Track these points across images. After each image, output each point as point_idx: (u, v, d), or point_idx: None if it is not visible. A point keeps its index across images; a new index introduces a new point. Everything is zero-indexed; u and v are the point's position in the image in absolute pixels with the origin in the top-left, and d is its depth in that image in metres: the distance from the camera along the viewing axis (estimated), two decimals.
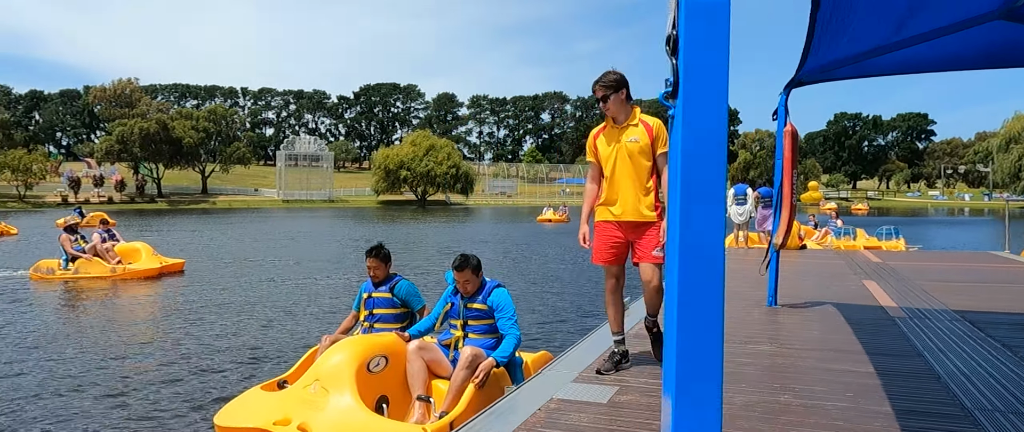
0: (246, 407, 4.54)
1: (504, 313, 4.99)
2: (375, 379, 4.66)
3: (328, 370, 4.45)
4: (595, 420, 3.71)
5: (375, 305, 5.54)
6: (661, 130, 4.34)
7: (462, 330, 5.06)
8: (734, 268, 10.87)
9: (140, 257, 14.29)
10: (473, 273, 5.04)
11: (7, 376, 6.03)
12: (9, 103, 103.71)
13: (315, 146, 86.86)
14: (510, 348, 4.95)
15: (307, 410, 4.26)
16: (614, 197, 4.36)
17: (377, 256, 5.59)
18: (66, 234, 13.94)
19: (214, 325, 9.10)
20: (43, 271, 13.55)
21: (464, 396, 4.57)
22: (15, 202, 61.20)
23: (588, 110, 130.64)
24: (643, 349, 5.08)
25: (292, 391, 4.52)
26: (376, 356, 4.72)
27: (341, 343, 4.78)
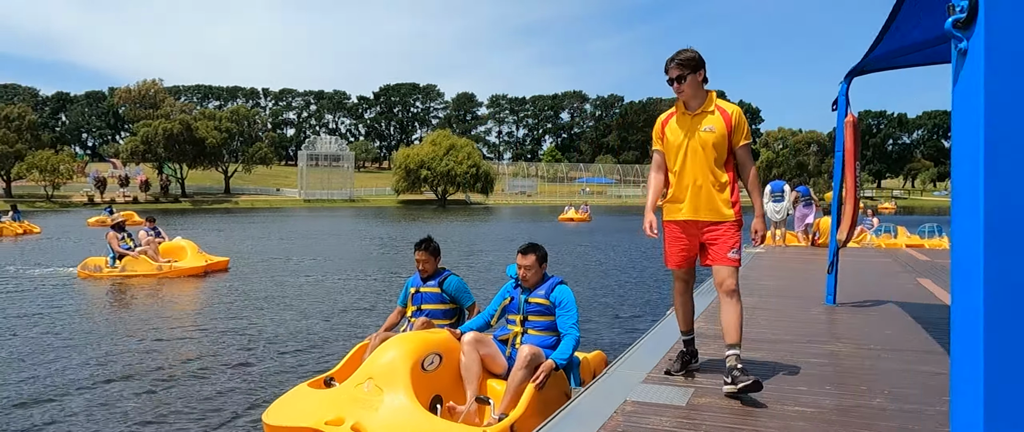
0: (295, 405, 4.36)
1: (567, 311, 4.74)
2: (429, 378, 4.45)
3: (382, 368, 4.26)
4: (678, 424, 3.48)
5: (423, 300, 5.35)
6: (741, 119, 3.92)
7: (521, 326, 4.81)
8: (781, 265, 10.56)
9: (185, 255, 14.19)
10: (538, 261, 4.84)
11: (56, 370, 5.94)
12: (36, 105, 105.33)
13: (336, 146, 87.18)
14: (569, 349, 4.69)
15: (360, 410, 4.08)
16: (683, 194, 3.95)
17: (427, 249, 5.38)
18: (113, 232, 13.85)
19: (259, 322, 9.00)
20: (90, 269, 13.50)
21: (523, 398, 4.34)
22: (43, 202, 62.04)
23: (607, 109, 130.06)
24: (709, 349, 4.83)
25: (343, 389, 4.33)
26: (430, 353, 4.51)
27: (394, 340, 4.57)
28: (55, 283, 12.51)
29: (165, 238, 14.78)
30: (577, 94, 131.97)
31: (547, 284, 4.84)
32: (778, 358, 4.71)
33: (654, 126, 4.19)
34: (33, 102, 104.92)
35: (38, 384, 5.58)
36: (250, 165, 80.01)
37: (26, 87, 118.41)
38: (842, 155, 6.65)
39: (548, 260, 4.97)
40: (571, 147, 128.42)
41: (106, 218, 33.00)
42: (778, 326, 5.86)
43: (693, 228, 3.97)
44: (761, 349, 5.10)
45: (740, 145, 3.92)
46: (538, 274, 4.84)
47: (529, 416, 4.22)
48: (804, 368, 4.51)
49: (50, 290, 11.69)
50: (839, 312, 6.51)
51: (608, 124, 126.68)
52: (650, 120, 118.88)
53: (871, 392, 3.93)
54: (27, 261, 16.53)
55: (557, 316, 4.73)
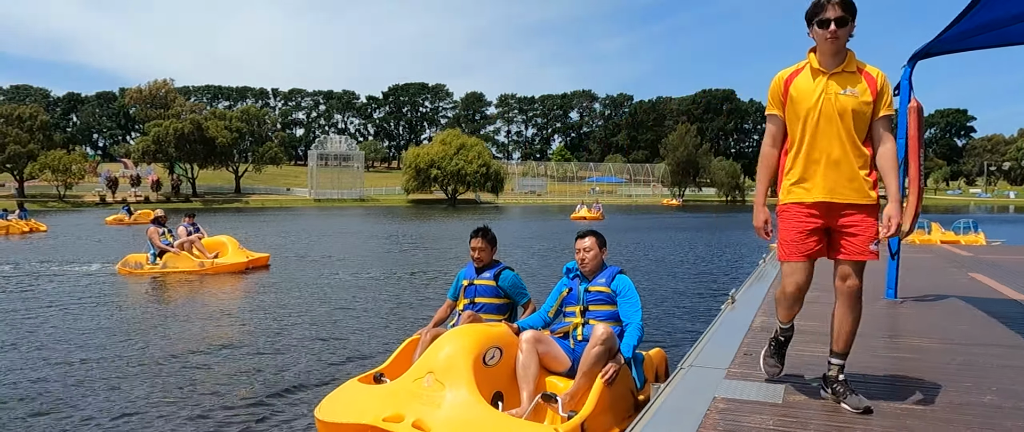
0: (348, 401, 4.15)
1: (629, 300, 4.47)
2: (490, 373, 4.18)
3: (443, 362, 4.02)
4: (782, 423, 3.22)
5: (477, 293, 5.05)
6: (886, 85, 3.26)
7: (581, 316, 4.53)
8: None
9: (227, 251, 13.94)
10: (598, 245, 4.63)
11: (99, 365, 5.74)
12: (48, 106, 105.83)
13: (345, 146, 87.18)
14: (635, 339, 4.41)
15: (421, 405, 3.86)
16: (813, 171, 3.27)
17: (484, 237, 5.08)
18: (154, 227, 13.57)
19: (305, 317, 8.78)
20: (131, 265, 13.29)
21: (592, 395, 4.07)
22: (55, 201, 62.23)
23: (617, 108, 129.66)
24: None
25: (401, 385, 4.09)
26: (491, 347, 4.24)
27: (451, 333, 4.33)
28: (94, 281, 12.24)
29: (204, 233, 14.49)
30: (586, 93, 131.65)
31: (606, 272, 4.62)
32: (860, 351, 4.44)
33: (771, 86, 3.41)
34: (45, 103, 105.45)
35: (84, 381, 5.38)
36: (260, 165, 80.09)
37: (38, 88, 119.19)
38: (905, 142, 6.37)
39: (606, 246, 4.72)
40: (580, 146, 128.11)
41: (124, 216, 33.10)
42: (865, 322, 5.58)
43: (826, 212, 3.31)
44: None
45: (882, 116, 3.26)
46: (598, 259, 4.61)
47: (599, 414, 4.00)
48: (892, 363, 4.26)
49: (93, 287, 11.42)
50: (905, 307, 6.24)
51: (617, 123, 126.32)
52: (659, 119, 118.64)
53: (978, 389, 3.67)
54: (64, 258, 16.41)
55: (619, 305, 4.48)
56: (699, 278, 13.16)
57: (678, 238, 24.42)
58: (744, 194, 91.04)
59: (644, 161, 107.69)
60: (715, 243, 22.10)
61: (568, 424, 3.78)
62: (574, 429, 3.77)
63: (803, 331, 4.85)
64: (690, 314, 9.24)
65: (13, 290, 10.99)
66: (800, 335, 4.66)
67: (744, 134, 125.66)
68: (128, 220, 32.64)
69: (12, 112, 69.48)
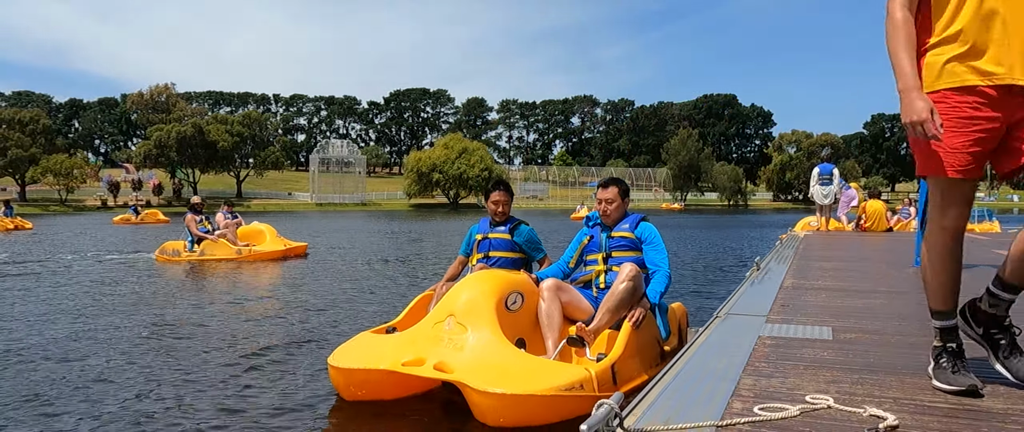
0: (363, 348, 3.99)
1: (654, 246, 4.32)
2: (513, 318, 4.00)
3: (464, 305, 3.84)
4: (839, 354, 3.07)
5: (492, 247, 4.90)
6: None
7: (604, 264, 4.37)
8: (839, 241, 10.13)
9: (264, 239, 13.76)
10: (620, 194, 4.45)
11: (137, 349, 5.59)
12: (50, 112, 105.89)
13: (347, 150, 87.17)
14: (663, 285, 4.26)
15: (442, 348, 3.67)
16: (990, 37, 2.16)
17: (506, 190, 4.99)
18: (192, 214, 13.39)
19: (344, 305, 8.49)
20: (169, 253, 13.16)
21: (620, 338, 3.93)
22: (57, 205, 62.15)
23: (618, 113, 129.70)
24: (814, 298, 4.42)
25: (419, 330, 3.92)
26: (513, 292, 4.07)
27: (472, 277, 4.17)
28: (131, 268, 12.00)
29: (242, 221, 14.26)
30: (587, 99, 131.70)
31: (630, 218, 4.45)
32: (908, 303, 4.30)
33: None
34: (47, 109, 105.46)
35: (121, 364, 5.24)
36: (262, 169, 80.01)
37: (40, 94, 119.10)
38: None
39: (629, 196, 4.55)
40: (582, 151, 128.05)
41: (131, 216, 33.37)
42: (884, 280, 5.44)
43: (1009, 100, 2.19)
44: (878, 296, 4.69)
45: None
46: (621, 210, 4.46)
47: (627, 358, 3.88)
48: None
49: (132, 274, 11.17)
50: None
51: (619, 128, 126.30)
52: (661, 124, 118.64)
53: None
54: (102, 247, 16.30)
55: (644, 252, 4.33)
56: (713, 264, 12.99)
57: (685, 235, 24.26)
58: (746, 198, 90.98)
59: (646, 166, 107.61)
60: (722, 236, 21.95)
61: (599, 366, 3.65)
62: (605, 372, 3.64)
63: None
64: (709, 287, 9.06)
65: (51, 277, 10.80)
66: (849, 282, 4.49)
67: (746, 139, 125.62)
68: (135, 220, 32.97)
69: (14, 116, 69.46)
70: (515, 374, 3.40)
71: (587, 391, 3.43)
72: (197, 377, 4.70)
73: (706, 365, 2.89)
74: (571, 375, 3.47)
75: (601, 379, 3.56)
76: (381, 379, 3.79)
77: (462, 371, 3.46)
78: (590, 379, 3.50)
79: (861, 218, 13.46)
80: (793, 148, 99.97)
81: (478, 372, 3.41)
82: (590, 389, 3.45)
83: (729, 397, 2.40)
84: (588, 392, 3.42)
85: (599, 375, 3.56)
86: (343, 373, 3.86)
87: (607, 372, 3.64)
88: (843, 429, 2.06)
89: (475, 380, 3.33)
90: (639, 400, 2.43)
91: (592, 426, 1.90)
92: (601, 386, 3.53)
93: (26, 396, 4.23)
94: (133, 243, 18.92)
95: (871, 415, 2.18)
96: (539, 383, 3.33)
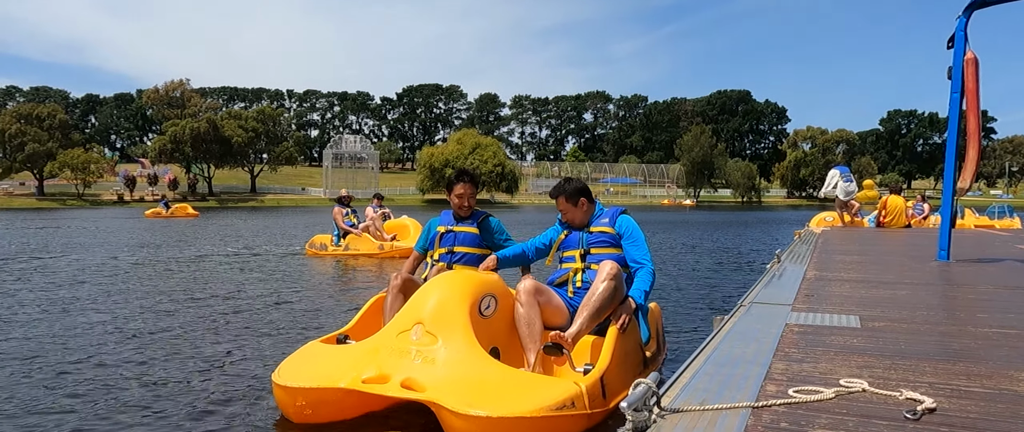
0: (313, 363, 3.45)
1: (635, 242, 3.90)
2: (486, 325, 3.49)
3: (433, 311, 3.34)
4: (868, 341, 3.05)
5: (457, 241, 4.42)
6: None
7: (582, 261, 3.93)
8: (861, 236, 10.05)
9: (409, 233, 13.54)
10: (570, 201, 3.98)
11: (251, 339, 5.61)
12: (67, 107, 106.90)
13: (360, 146, 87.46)
14: (647, 283, 3.84)
15: (409, 362, 3.17)
16: None
17: (472, 181, 4.49)
18: (338, 207, 13.33)
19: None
20: (317, 247, 13.21)
21: (607, 345, 3.46)
22: (74, 199, 62.78)
23: (631, 109, 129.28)
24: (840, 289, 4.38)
25: (380, 340, 3.37)
26: (486, 295, 3.57)
27: (439, 279, 3.61)
28: (282, 261, 12.07)
29: (389, 214, 14.06)
30: (600, 94, 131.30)
31: (609, 212, 4.06)
32: (930, 293, 4.26)
33: None
34: (64, 104, 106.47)
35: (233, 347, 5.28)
36: (276, 165, 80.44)
37: (57, 90, 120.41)
38: (958, 97, 6.17)
39: (588, 193, 4.07)
40: (594, 147, 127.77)
41: (161, 210, 33.79)
42: (908, 273, 5.40)
43: None
44: (903, 287, 4.66)
45: None
46: (579, 213, 4.03)
47: (615, 367, 3.41)
48: (984, 298, 4.07)
49: (280, 268, 11.17)
50: (963, 266, 6.02)
51: (632, 124, 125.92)
52: (674, 120, 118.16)
53: None
54: (252, 241, 16.50)
55: (625, 248, 3.92)
56: (728, 258, 12.93)
57: (699, 232, 24.17)
58: (760, 195, 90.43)
59: (659, 162, 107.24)
60: (736, 233, 21.84)
61: (588, 379, 3.20)
62: (594, 385, 3.18)
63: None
64: (726, 281, 9.02)
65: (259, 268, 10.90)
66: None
67: (759, 135, 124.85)
68: (165, 213, 33.44)
69: (31, 111, 70.17)
70: (497, 392, 2.95)
71: (579, 409, 3.01)
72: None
73: (734, 351, 2.88)
74: (561, 391, 3.01)
75: (591, 394, 3.12)
76: (338, 399, 3.28)
77: (435, 389, 2.98)
78: (581, 395, 3.05)
79: (881, 213, 13.37)
80: (808, 145, 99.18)
81: (454, 390, 2.95)
82: (581, 406, 3.03)
83: (762, 380, 2.40)
84: (579, 410, 3.02)
85: (590, 389, 3.11)
86: (291, 393, 3.29)
87: (597, 385, 3.20)
88: (880, 412, 2.06)
89: (451, 400, 2.87)
90: (672, 382, 2.43)
91: (632, 403, 1.90)
92: (592, 402, 3.10)
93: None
94: (251, 236, 19.03)
95: (908, 398, 2.17)
96: (526, 403, 2.87)
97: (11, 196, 64.55)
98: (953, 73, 6.14)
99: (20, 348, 5.10)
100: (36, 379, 4.27)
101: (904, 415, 2.00)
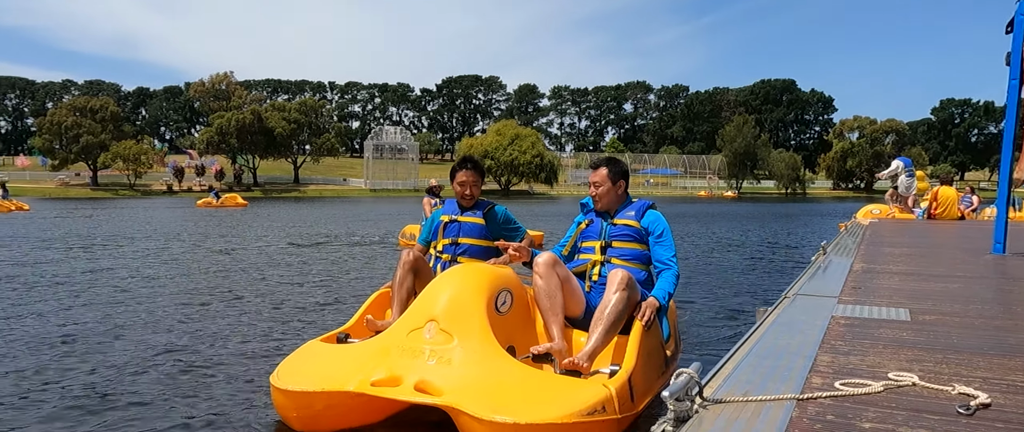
0: (315, 364, 3.21)
1: (663, 242, 3.66)
2: (503, 322, 3.27)
3: (447, 308, 3.11)
4: (918, 335, 2.97)
5: (462, 233, 4.17)
6: None
7: (602, 254, 3.69)
8: (910, 228, 9.77)
9: None
10: (611, 177, 3.76)
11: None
12: (119, 100, 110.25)
13: (400, 138, 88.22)
14: (672, 285, 3.59)
15: (422, 363, 2.94)
16: None
17: (475, 169, 4.23)
18: (428, 197, 13.59)
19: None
20: (408, 237, 13.58)
21: (631, 346, 3.23)
22: (126, 189, 64.80)
23: (672, 99, 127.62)
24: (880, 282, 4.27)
25: (389, 339, 3.14)
26: (502, 290, 3.36)
27: (452, 273, 3.40)
28: (377, 250, 12.51)
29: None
30: (641, 84, 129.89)
31: (636, 205, 3.78)
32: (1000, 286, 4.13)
33: None
34: (116, 97, 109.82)
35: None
36: (318, 156, 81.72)
37: (110, 83, 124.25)
38: (1017, 84, 5.94)
39: (628, 180, 3.89)
40: (634, 138, 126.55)
41: (211, 200, 34.71)
42: (961, 266, 5.23)
43: None
44: (956, 280, 4.52)
45: None
46: (613, 194, 3.78)
47: (641, 367, 3.21)
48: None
49: (371, 257, 11.67)
50: (1020, 260, 5.81)
51: (672, 115, 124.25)
52: (716, 110, 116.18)
53: None
54: (331, 229, 17.16)
55: (652, 246, 3.68)
56: (770, 251, 12.70)
57: (741, 225, 23.78)
58: (804, 186, 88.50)
59: (700, 153, 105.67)
60: (779, 225, 21.43)
61: (616, 381, 2.98)
62: (623, 387, 2.97)
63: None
64: (769, 274, 8.87)
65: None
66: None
67: (805, 125, 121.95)
68: (216, 203, 34.22)
69: (85, 104, 72.56)
70: (522, 396, 2.74)
71: (609, 413, 2.79)
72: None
73: (779, 342, 2.83)
74: (590, 395, 2.80)
75: (621, 396, 2.90)
76: (344, 403, 3.04)
77: (454, 392, 2.76)
78: (611, 398, 2.83)
79: (932, 205, 12.96)
80: (855, 135, 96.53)
81: (475, 394, 2.73)
82: (611, 410, 2.81)
83: (807, 372, 2.35)
84: (610, 414, 2.80)
85: (619, 391, 2.90)
86: (294, 397, 3.04)
87: (625, 387, 2.98)
88: (931, 406, 2.00)
89: (473, 405, 2.65)
90: (714, 373, 2.41)
91: (673, 393, 1.89)
92: (621, 405, 2.89)
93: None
94: (327, 225, 19.52)
95: (961, 393, 2.11)
96: (555, 408, 2.65)
97: (67, 186, 66.93)
98: (1011, 59, 5.91)
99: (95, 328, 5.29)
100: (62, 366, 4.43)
101: (957, 410, 1.95)
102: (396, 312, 3.73)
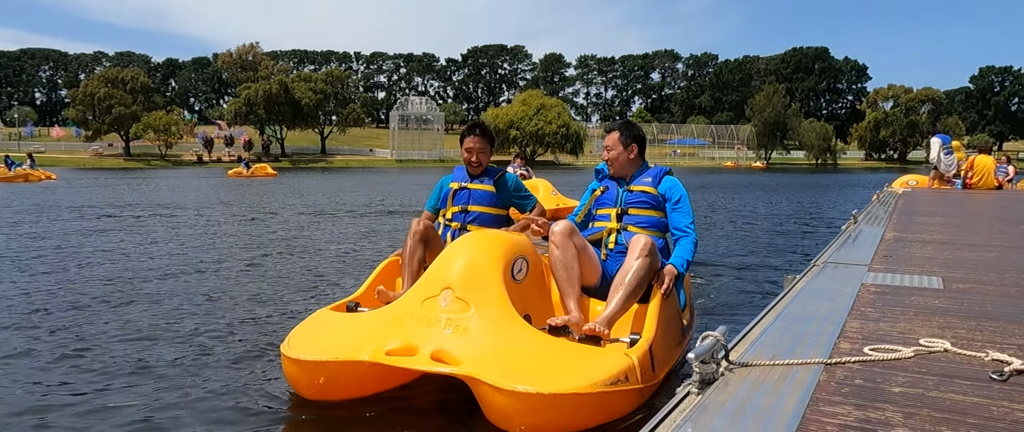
0: (329, 333, 3.13)
1: (681, 209, 3.55)
2: (519, 290, 3.17)
3: (463, 275, 3.03)
4: (951, 303, 2.91)
5: (471, 200, 4.06)
6: None
7: (617, 221, 3.57)
8: (945, 197, 9.56)
9: (538, 194, 13.62)
10: (623, 141, 3.62)
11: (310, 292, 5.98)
12: (149, 71, 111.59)
13: (425, 108, 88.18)
14: (690, 252, 3.48)
15: (437, 332, 2.85)
16: None
17: (483, 135, 4.09)
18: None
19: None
20: None
21: (651, 315, 3.13)
22: (157, 160, 65.88)
23: (700, 68, 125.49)
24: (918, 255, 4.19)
25: (402, 307, 3.06)
26: (518, 257, 3.26)
27: (467, 239, 3.32)
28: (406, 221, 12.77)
29: (528, 175, 13.54)
30: (668, 53, 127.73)
31: (652, 171, 3.66)
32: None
33: None
34: (146, 68, 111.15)
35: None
36: (344, 126, 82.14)
37: (140, 54, 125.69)
38: None
39: (644, 145, 3.73)
40: (661, 108, 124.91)
41: (242, 170, 35.19)
42: (996, 235, 5.11)
43: None
44: (992, 250, 4.42)
45: None
46: (626, 159, 3.65)
47: (661, 336, 3.13)
48: None
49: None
50: None
51: (701, 84, 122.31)
52: (745, 79, 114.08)
53: None
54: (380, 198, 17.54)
55: (669, 213, 3.57)
56: (798, 222, 12.53)
57: (768, 195, 23.46)
58: (836, 157, 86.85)
59: (729, 123, 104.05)
60: (808, 195, 21.11)
61: (637, 350, 2.90)
62: (644, 357, 2.91)
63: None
64: (797, 241, 8.76)
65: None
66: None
67: (837, 94, 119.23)
68: (246, 173, 34.66)
69: (116, 75, 73.57)
70: (543, 365, 2.67)
71: (632, 383, 2.73)
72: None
73: (807, 308, 2.81)
74: (613, 364, 2.72)
75: (643, 366, 2.84)
76: (358, 373, 2.96)
77: (472, 362, 2.68)
78: (633, 367, 2.77)
79: (968, 174, 12.68)
80: (889, 104, 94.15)
81: (495, 364, 2.65)
82: (634, 380, 2.75)
83: (836, 338, 2.33)
84: (632, 384, 2.73)
85: (641, 361, 2.83)
86: (306, 367, 2.97)
87: (647, 356, 2.91)
88: (963, 372, 1.97)
89: (493, 375, 2.57)
90: (740, 337, 2.39)
91: (699, 355, 1.88)
92: (644, 375, 2.82)
93: None
94: (370, 193, 19.86)
95: (994, 359, 2.07)
96: (577, 378, 2.59)
97: (100, 157, 68.24)
98: None
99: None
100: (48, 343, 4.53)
101: (990, 376, 1.92)
102: (407, 283, 3.63)
